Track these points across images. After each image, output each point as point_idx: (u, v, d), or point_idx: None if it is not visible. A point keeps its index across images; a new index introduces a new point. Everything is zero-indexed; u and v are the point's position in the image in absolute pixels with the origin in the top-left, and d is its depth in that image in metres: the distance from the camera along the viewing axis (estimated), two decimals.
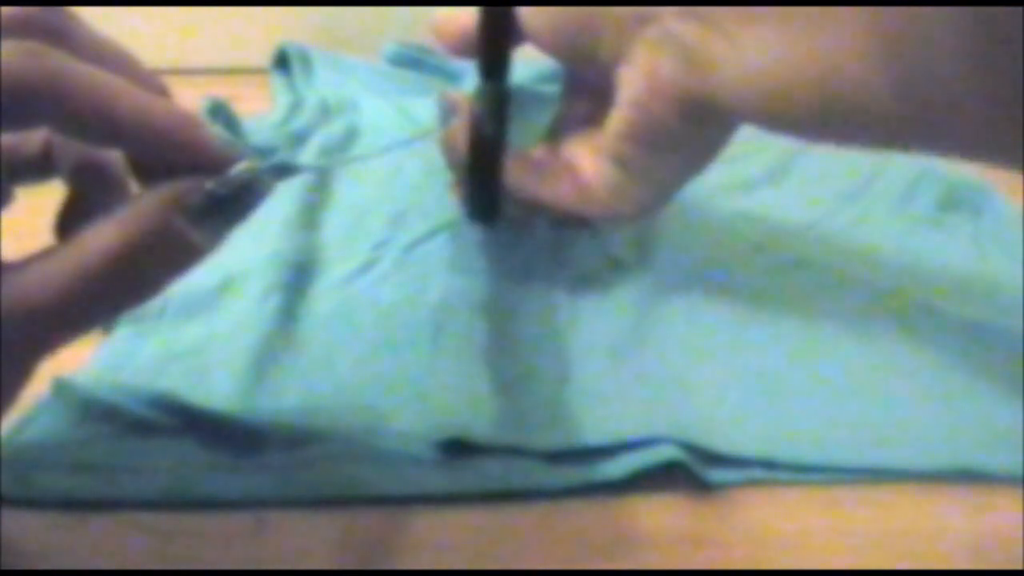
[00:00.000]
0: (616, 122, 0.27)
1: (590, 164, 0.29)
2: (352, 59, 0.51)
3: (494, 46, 0.29)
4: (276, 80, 0.49)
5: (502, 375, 0.27)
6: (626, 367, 0.28)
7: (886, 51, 0.21)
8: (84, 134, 0.18)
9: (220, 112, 0.19)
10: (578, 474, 0.24)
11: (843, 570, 0.22)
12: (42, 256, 0.17)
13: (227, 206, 0.18)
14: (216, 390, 0.25)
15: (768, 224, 0.37)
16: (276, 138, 0.40)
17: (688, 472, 0.23)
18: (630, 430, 0.24)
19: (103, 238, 0.17)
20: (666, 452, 0.23)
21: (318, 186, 0.37)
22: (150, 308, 0.29)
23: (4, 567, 0.21)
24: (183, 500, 0.22)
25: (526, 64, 0.31)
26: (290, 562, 0.21)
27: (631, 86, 0.27)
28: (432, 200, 0.37)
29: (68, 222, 0.21)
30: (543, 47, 0.29)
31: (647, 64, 0.26)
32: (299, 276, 0.31)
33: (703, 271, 0.33)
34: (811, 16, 0.22)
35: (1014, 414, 0.26)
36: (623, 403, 0.26)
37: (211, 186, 0.18)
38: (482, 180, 0.31)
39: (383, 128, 0.43)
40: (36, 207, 0.22)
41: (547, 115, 0.33)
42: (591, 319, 0.30)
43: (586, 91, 0.30)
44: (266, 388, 0.26)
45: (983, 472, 0.24)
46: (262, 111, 0.44)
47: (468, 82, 0.46)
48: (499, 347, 0.28)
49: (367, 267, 0.32)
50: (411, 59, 0.52)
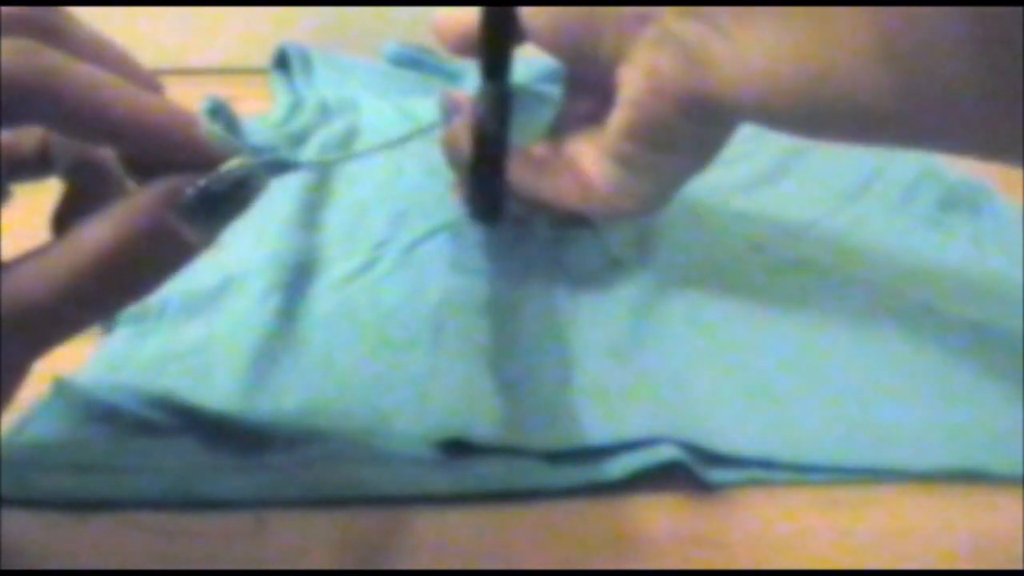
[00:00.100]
0: (617, 121, 0.27)
1: (592, 162, 0.29)
2: (352, 59, 0.51)
3: (496, 45, 0.29)
4: (276, 80, 0.49)
5: (502, 375, 0.27)
6: (626, 367, 0.28)
7: (886, 49, 0.21)
8: (78, 131, 0.18)
9: (220, 112, 0.18)
10: (578, 474, 0.24)
11: (843, 570, 0.22)
12: (36, 254, 0.17)
13: (221, 202, 0.18)
14: (216, 390, 0.25)
15: (768, 224, 0.37)
16: (276, 138, 0.40)
17: (688, 472, 0.23)
18: (630, 430, 0.24)
19: (96, 235, 0.17)
20: (666, 452, 0.24)
21: (318, 186, 0.37)
22: (150, 308, 0.29)
23: (4, 567, 0.21)
24: (183, 500, 0.22)
25: (527, 64, 0.31)
26: (290, 562, 0.21)
27: (632, 85, 0.27)
28: (432, 200, 0.37)
29: (65, 219, 0.21)
30: (544, 46, 0.29)
31: (647, 63, 0.26)
32: (299, 276, 0.31)
33: (703, 271, 0.33)
34: (810, 14, 0.22)
35: (1014, 414, 0.26)
36: (623, 403, 0.26)
37: (204, 182, 0.17)
38: (484, 179, 0.31)
39: (383, 128, 0.43)
40: (35, 207, 0.22)
41: (549, 114, 0.33)
42: (591, 319, 0.30)
43: (587, 90, 0.30)
44: (266, 388, 0.26)
45: (984, 472, 0.24)
46: (262, 111, 0.44)
47: (468, 82, 0.46)
48: (499, 347, 0.28)
49: (367, 267, 0.33)
50: (411, 59, 0.52)
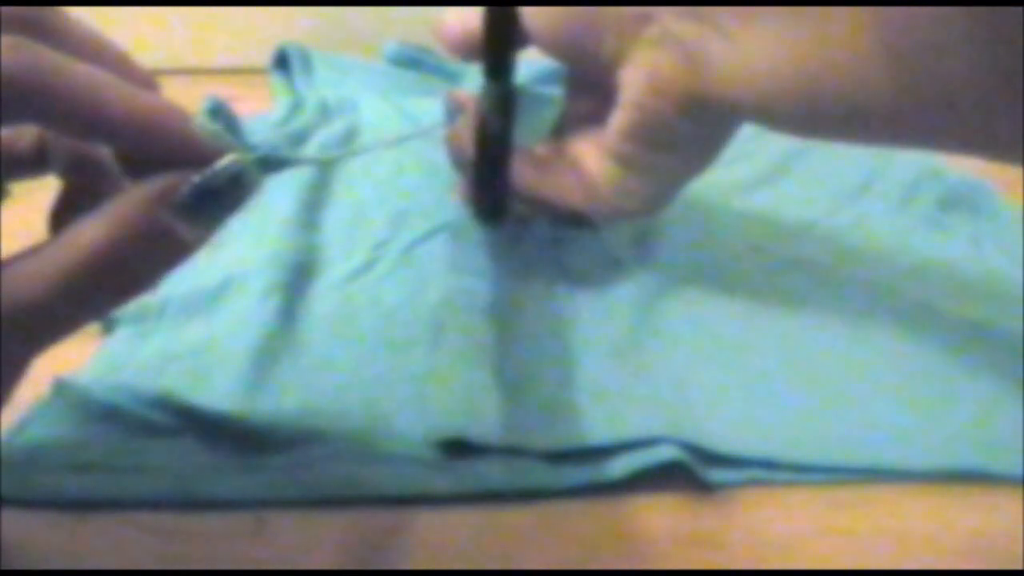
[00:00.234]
0: (618, 121, 0.28)
1: (593, 162, 0.29)
2: (352, 59, 0.51)
3: (499, 45, 0.29)
4: (276, 80, 0.49)
5: (502, 375, 0.27)
6: (626, 367, 0.28)
7: (886, 49, 0.21)
8: (73, 130, 0.18)
9: (220, 112, 0.18)
10: (578, 474, 0.24)
11: (843, 570, 0.22)
12: (32, 252, 0.17)
13: (215, 199, 0.18)
14: (216, 390, 0.25)
15: (768, 224, 0.37)
16: (276, 138, 0.40)
17: (688, 472, 0.23)
18: (630, 430, 0.24)
19: (91, 233, 0.17)
20: (666, 452, 0.23)
21: (318, 186, 0.37)
22: (150, 308, 0.29)
23: (4, 567, 0.21)
24: (183, 500, 0.22)
25: (529, 65, 0.31)
26: (290, 562, 0.21)
27: (632, 86, 0.27)
28: (432, 200, 0.37)
29: (62, 217, 0.21)
30: (545, 48, 0.29)
31: (648, 64, 0.26)
32: (299, 276, 0.31)
33: (703, 271, 0.33)
34: (810, 15, 0.22)
35: (1014, 414, 0.26)
36: (623, 403, 0.26)
37: (198, 179, 0.17)
38: (488, 178, 0.31)
39: (383, 128, 0.43)
40: (34, 205, 0.21)
41: (551, 114, 0.33)
42: (591, 319, 0.30)
43: (588, 90, 0.30)
44: (266, 388, 0.26)
45: (983, 472, 0.24)
46: (262, 111, 0.44)
47: (468, 82, 0.46)
48: (499, 347, 0.28)
49: (367, 267, 0.33)
50: (411, 59, 0.52)
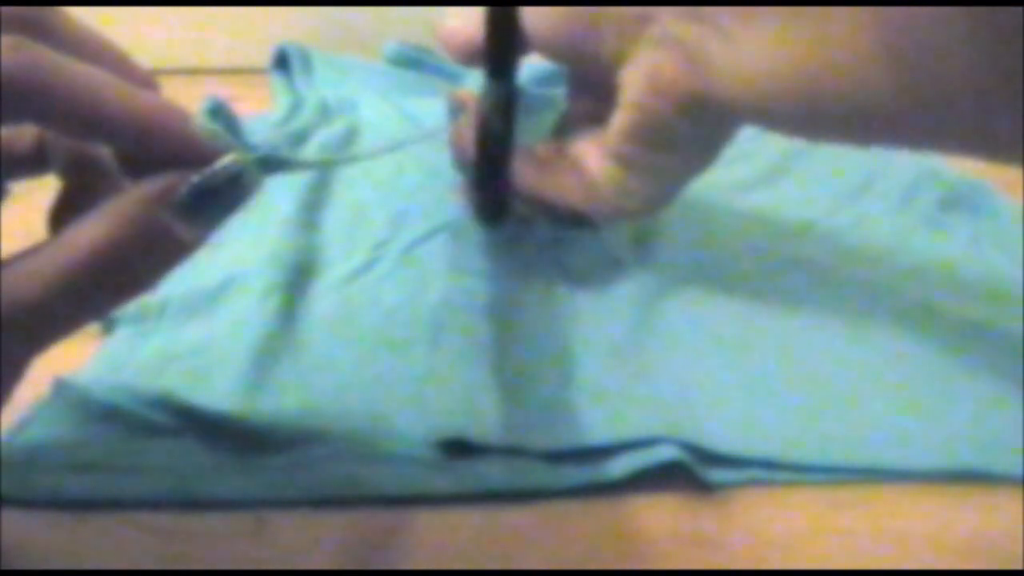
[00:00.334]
0: (618, 122, 0.28)
1: (594, 163, 0.29)
2: (352, 59, 0.51)
3: (501, 44, 0.29)
4: (276, 80, 0.49)
5: (502, 375, 0.27)
6: (626, 367, 0.28)
7: (886, 50, 0.21)
8: (71, 129, 0.18)
9: (220, 112, 0.18)
10: (578, 474, 0.24)
11: (843, 570, 0.22)
12: (31, 252, 0.17)
13: (214, 199, 0.18)
14: (216, 390, 0.25)
15: (768, 224, 0.37)
16: (276, 138, 0.40)
17: (688, 472, 0.23)
18: (630, 430, 0.24)
19: (90, 233, 0.17)
20: (666, 452, 0.23)
21: (318, 186, 0.37)
22: (150, 308, 0.29)
23: (4, 567, 0.21)
24: (183, 500, 0.22)
25: (530, 66, 0.31)
26: (290, 562, 0.21)
27: (633, 86, 0.27)
28: (432, 200, 0.37)
29: (62, 217, 0.21)
30: (546, 51, 0.29)
31: (648, 65, 0.26)
32: (299, 276, 0.31)
33: (703, 271, 0.33)
34: (810, 15, 0.22)
35: (1014, 414, 0.26)
36: (623, 403, 0.26)
37: (197, 179, 0.17)
38: (489, 179, 0.31)
39: (383, 128, 0.43)
40: (33, 205, 0.21)
41: (553, 114, 0.33)
42: (591, 319, 0.30)
43: (590, 91, 0.30)
44: (266, 388, 0.26)
45: (983, 472, 0.24)
46: (262, 111, 0.44)
47: (468, 82, 0.46)
48: (499, 347, 0.28)
49: (367, 267, 0.33)
50: (411, 59, 0.52)
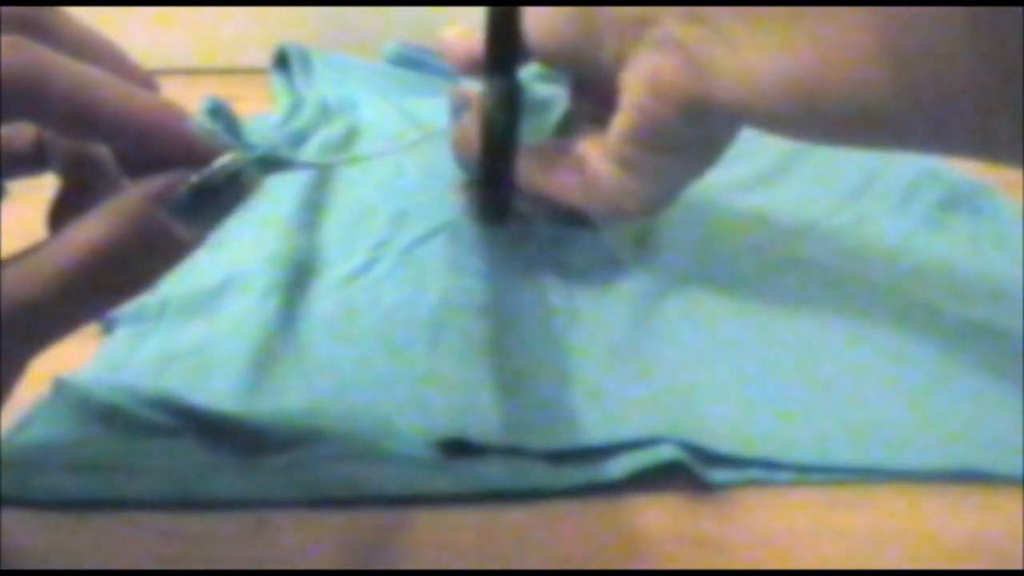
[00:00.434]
0: (619, 124, 0.28)
1: (596, 163, 0.29)
2: (352, 59, 0.51)
3: (503, 39, 0.29)
4: (276, 80, 0.49)
5: (502, 375, 0.27)
6: (626, 367, 0.28)
7: (886, 52, 0.21)
8: (67, 128, 0.18)
9: (220, 112, 0.18)
10: (578, 474, 0.24)
11: (843, 570, 0.22)
12: (30, 252, 0.17)
13: (213, 199, 0.18)
14: (216, 390, 0.25)
15: (768, 224, 0.37)
16: (276, 138, 0.40)
17: (688, 472, 0.23)
18: (630, 430, 0.24)
19: (89, 233, 0.17)
20: (666, 452, 0.23)
21: (318, 186, 0.37)
22: (150, 308, 0.29)
23: (4, 567, 0.21)
24: (183, 500, 0.22)
25: (530, 67, 0.31)
26: (291, 562, 0.21)
27: (633, 89, 0.27)
28: (432, 200, 0.37)
29: (61, 216, 0.21)
30: (546, 56, 0.29)
31: (649, 67, 0.26)
32: (299, 276, 0.31)
33: (703, 271, 0.33)
34: (810, 17, 0.22)
35: (1014, 414, 0.26)
36: (623, 403, 0.26)
37: (195, 179, 0.17)
38: (494, 174, 0.31)
39: (383, 128, 0.43)
40: (33, 205, 0.21)
41: (554, 112, 0.33)
42: (591, 319, 0.30)
43: (591, 93, 0.30)
44: (266, 388, 0.26)
45: (983, 472, 0.24)
46: (262, 111, 0.44)
47: (468, 82, 0.46)
48: (499, 347, 0.28)
49: (367, 267, 0.33)
50: (411, 59, 0.52)
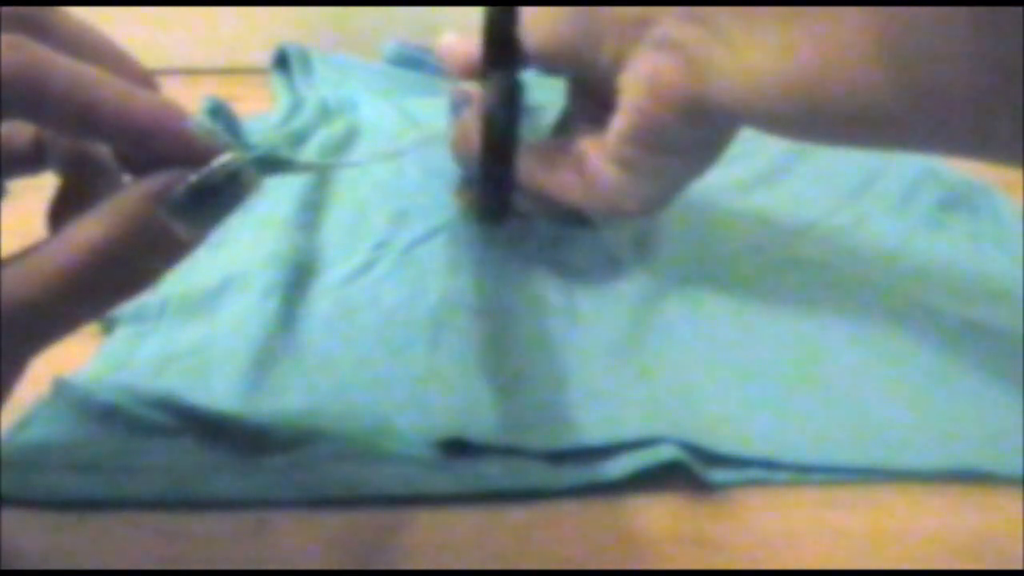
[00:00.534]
0: (619, 125, 0.28)
1: (595, 163, 0.29)
2: (352, 59, 0.51)
3: (503, 34, 0.29)
4: (276, 80, 0.49)
5: (502, 375, 0.27)
6: (626, 367, 0.28)
7: (886, 52, 0.21)
8: (64, 127, 0.18)
9: (220, 112, 0.19)
10: (578, 474, 0.24)
11: (843, 570, 0.22)
12: (29, 252, 0.17)
13: (212, 198, 0.18)
14: (216, 390, 0.25)
15: (768, 224, 0.37)
16: (276, 138, 0.40)
17: (688, 472, 0.23)
18: (630, 430, 0.24)
19: (87, 232, 0.17)
20: (666, 452, 0.23)
21: (318, 186, 0.37)
22: (150, 308, 0.29)
23: (4, 567, 0.21)
24: (183, 500, 0.22)
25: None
26: (291, 562, 0.21)
27: (633, 90, 0.27)
28: (432, 200, 0.37)
29: (61, 215, 0.21)
30: (544, 60, 0.29)
31: (648, 69, 0.26)
32: (299, 276, 0.31)
33: (703, 271, 0.33)
34: (811, 18, 0.22)
35: (1014, 414, 0.26)
36: (623, 403, 0.26)
37: (194, 178, 0.17)
38: (494, 172, 0.31)
39: (383, 128, 0.43)
40: (34, 205, 0.21)
41: (549, 115, 0.33)
42: (591, 319, 0.30)
43: (590, 94, 0.30)
44: (266, 388, 0.26)
45: (983, 472, 0.24)
46: (262, 111, 0.44)
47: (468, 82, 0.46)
48: (499, 347, 0.28)
49: (367, 267, 0.32)
50: (411, 59, 0.52)
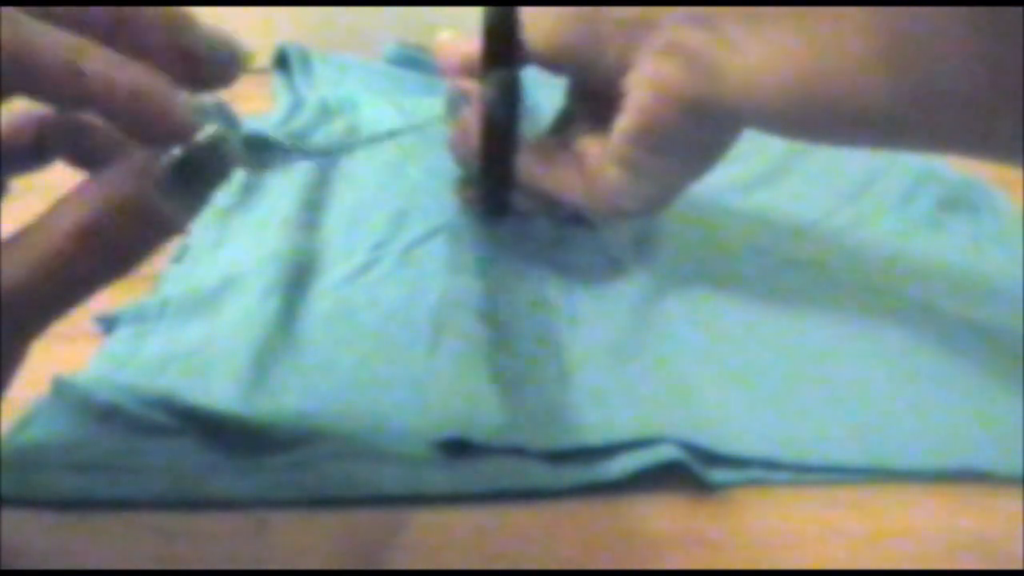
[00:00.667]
0: (622, 126, 0.28)
1: (596, 162, 0.29)
2: (352, 59, 0.51)
3: (503, 31, 0.29)
4: (276, 80, 0.49)
5: (502, 375, 0.27)
6: (626, 367, 0.28)
7: (887, 52, 0.21)
8: (52, 96, 0.17)
9: (220, 112, 0.18)
10: (578, 474, 0.24)
11: (843, 570, 0.22)
12: (16, 236, 0.17)
13: (197, 173, 0.18)
14: (216, 390, 0.25)
15: (768, 224, 0.37)
16: (276, 137, 0.40)
17: (688, 472, 0.23)
18: (630, 430, 0.24)
19: (72, 211, 0.17)
20: (666, 452, 0.23)
21: (318, 186, 0.37)
22: (150, 308, 0.29)
23: (4, 567, 0.21)
24: (184, 500, 0.22)
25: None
26: (291, 562, 0.21)
27: (637, 91, 0.27)
28: (432, 200, 0.37)
29: None
30: (547, 61, 0.29)
31: (653, 71, 0.26)
32: (299, 276, 0.31)
33: (703, 271, 0.33)
34: (814, 19, 0.22)
35: (1014, 414, 0.26)
36: (623, 403, 0.26)
37: (178, 152, 0.17)
38: (494, 169, 0.31)
39: (383, 128, 0.43)
40: (34, 202, 0.21)
41: (552, 108, 0.33)
42: (591, 319, 0.30)
43: (592, 95, 0.30)
44: (266, 388, 0.26)
45: (984, 472, 0.24)
46: (262, 111, 0.44)
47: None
48: (499, 347, 0.28)
49: (367, 267, 0.32)
50: (411, 59, 0.52)
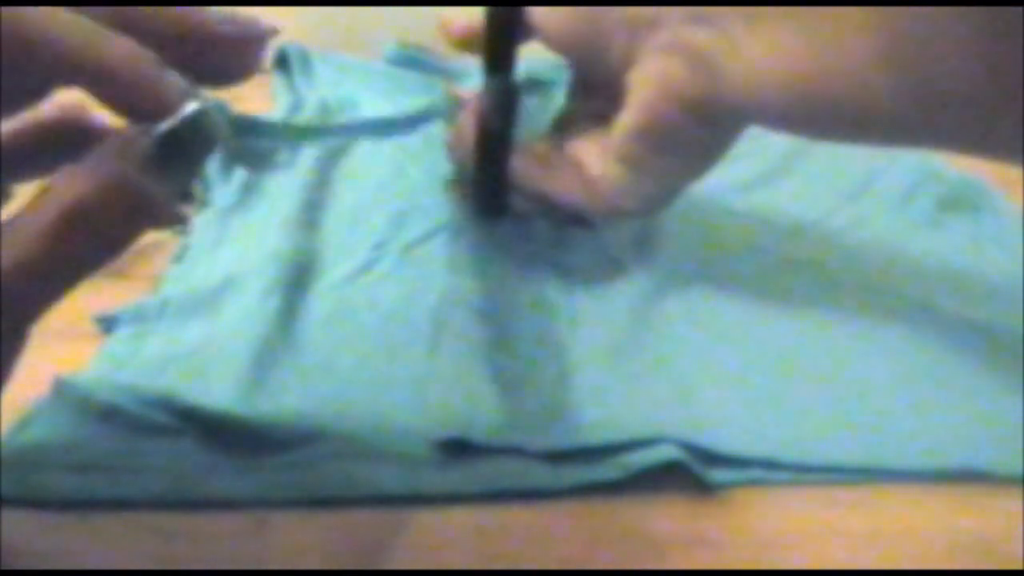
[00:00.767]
0: (624, 123, 0.28)
1: (596, 161, 0.29)
2: (352, 59, 0.51)
3: (500, 39, 0.29)
4: (276, 80, 0.49)
5: (502, 375, 0.27)
6: (626, 367, 0.28)
7: (888, 51, 0.21)
8: (36, 69, 0.17)
9: (220, 112, 0.19)
10: (578, 474, 0.24)
11: (843, 570, 0.22)
12: (5, 223, 0.17)
13: (180, 149, 0.18)
14: (216, 390, 0.25)
15: (768, 224, 0.37)
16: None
17: (688, 472, 0.23)
18: (630, 430, 0.24)
19: (59, 193, 0.17)
20: (666, 452, 0.23)
21: (318, 186, 0.37)
22: (150, 308, 0.29)
23: (4, 567, 0.21)
24: (183, 500, 0.22)
25: (528, 60, 0.31)
26: (290, 562, 0.21)
27: (641, 89, 0.27)
28: (432, 200, 0.37)
29: None
30: (554, 46, 0.29)
31: (657, 69, 0.26)
32: (299, 276, 0.31)
33: (703, 271, 0.33)
34: (815, 19, 0.22)
35: (1014, 414, 0.26)
36: (623, 403, 0.26)
37: (159, 129, 0.17)
38: (488, 175, 0.31)
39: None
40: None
41: (551, 109, 0.33)
42: (591, 319, 0.30)
43: (594, 90, 0.30)
44: (266, 388, 0.26)
45: (984, 472, 0.24)
46: (262, 111, 0.44)
47: (468, 83, 0.46)
48: (499, 347, 0.28)
49: (367, 267, 0.32)
50: (411, 59, 0.52)
